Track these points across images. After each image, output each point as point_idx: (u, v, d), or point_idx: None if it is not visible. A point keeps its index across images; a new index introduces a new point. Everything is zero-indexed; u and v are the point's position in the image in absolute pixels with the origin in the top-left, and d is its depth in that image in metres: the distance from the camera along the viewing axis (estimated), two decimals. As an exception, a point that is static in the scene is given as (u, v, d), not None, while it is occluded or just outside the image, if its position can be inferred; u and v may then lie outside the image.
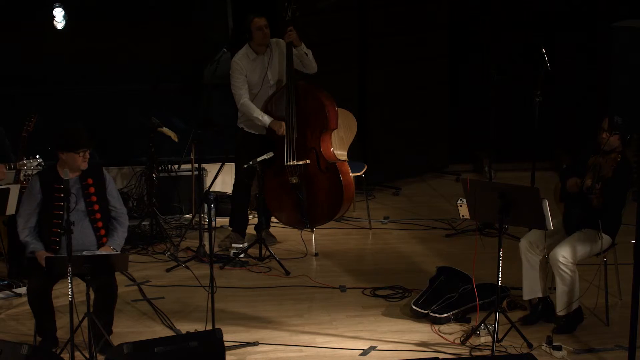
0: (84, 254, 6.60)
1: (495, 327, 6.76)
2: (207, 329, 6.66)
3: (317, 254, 8.61)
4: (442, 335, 7.08)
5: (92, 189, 6.92)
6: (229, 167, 8.94)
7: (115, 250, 6.91)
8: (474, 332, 7.00)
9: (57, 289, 7.00)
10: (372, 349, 6.90)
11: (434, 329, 7.18)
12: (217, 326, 6.53)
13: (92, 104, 10.11)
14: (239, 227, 8.77)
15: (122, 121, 10.03)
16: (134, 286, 7.91)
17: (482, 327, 6.98)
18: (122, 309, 7.38)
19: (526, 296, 7.22)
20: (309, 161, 8.45)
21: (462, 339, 6.97)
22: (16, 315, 7.43)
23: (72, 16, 9.87)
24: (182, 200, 9.56)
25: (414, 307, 7.38)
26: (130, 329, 7.17)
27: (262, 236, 8.52)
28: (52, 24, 9.81)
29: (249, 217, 9.00)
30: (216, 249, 8.53)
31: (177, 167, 9.48)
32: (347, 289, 7.93)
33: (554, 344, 6.74)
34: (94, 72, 10.13)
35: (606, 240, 7.03)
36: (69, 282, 6.27)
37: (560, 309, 7.00)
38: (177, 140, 9.05)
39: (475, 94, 10.43)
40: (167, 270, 8.29)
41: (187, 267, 8.28)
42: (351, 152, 9.02)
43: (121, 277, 7.60)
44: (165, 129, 8.95)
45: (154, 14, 10.30)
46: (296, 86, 8.42)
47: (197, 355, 6.13)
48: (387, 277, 8.09)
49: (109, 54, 10.13)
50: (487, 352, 6.76)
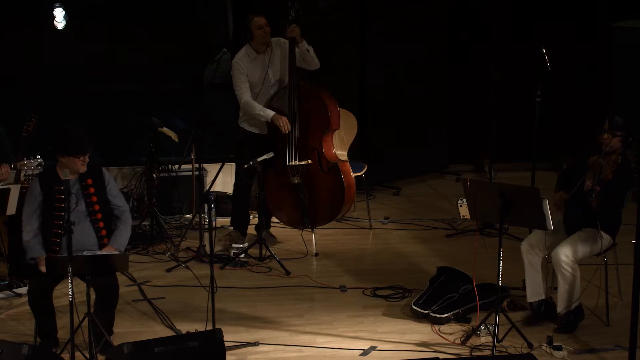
0: (85, 254, 6.61)
1: (495, 327, 6.77)
2: (207, 329, 6.66)
3: (317, 254, 8.61)
4: (442, 335, 7.08)
5: (92, 189, 6.92)
6: (229, 167, 8.94)
7: (118, 250, 6.91)
8: (474, 332, 7.00)
9: (57, 289, 6.99)
10: (373, 349, 6.91)
11: (434, 329, 7.18)
12: (217, 326, 6.54)
13: (92, 104, 10.11)
14: (239, 225, 8.77)
15: (122, 121, 10.03)
16: (134, 286, 7.91)
17: (482, 327, 6.98)
18: (122, 309, 7.38)
19: (530, 298, 7.21)
20: (310, 161, 8.45)
21: (463, 339, 6.97)
22: (16, 315, 7.43)
23: (72, 16, 9.87)
24: (182, 200, 9.57)
25: (414, 307, 7.38)
26: (130, 329, 7.17)
27: (263, 236, 8.52)
28: (52, 24, 9.81)
29: (250, 217, 9.00)
30: (218, 247, 8.53)
31: (177, 167, 9.48)
32: (347, 289, 7.93)
33: (554, 344, 6.74)
34: (94, 72, 10.13)
35: (606, 240, 7.03)
36: (70, 282, 6.27)
37: (561, 307, 7.01)
38: (177, 140, 9.05)
39: (475, 94, 10.43)
40: (168, 270, 8.29)
41: (187, 267, 8.28)
42: (351, 152, 9.01)
43: (121, 277, 7.60)
44: (165, 129, 8.95)
45: (154, 14, 10.29)
46: (298, 86, 8.42)
47: (197, 355, 6.13)
48: (388, 277, 8.09)
49: (109, 54, 10.13)
50: (487, 352, 6.76)
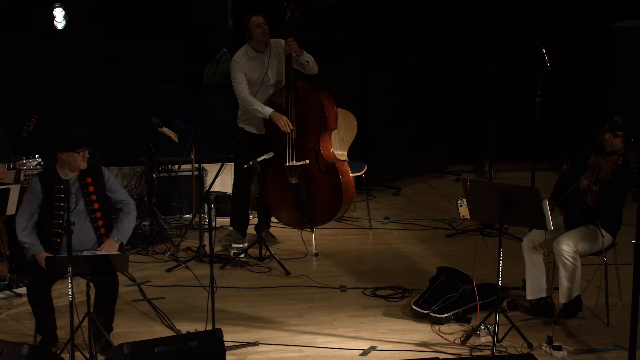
0: (84, 253, 6.61)
1: (495, 327, 6.77)
2: (207, 329, 6.66)
3: (317, 254, 8.61)
4: (442, 335, 7.08)
5: (91, 188, 6.91)
6: (229, 167, 8.94)
7: (119, 240, 6.89)
8: (474, 332, 7.00)
9: (57, 289, 7.00)
10: (373, 349, 6.90)
11: (434, 329, 7.18)
12: (217, 326, 6.53)
13: (92, 104, 10.10)
14: (239, 225, 8.77)
15: (122, 121, 10.03)
16: (134, 286, 7.91)
17: (482, 327, 6.98)
18: (122, 309, 7.38)
19: (530, 296, 7.22)
20: (308, 161, 8.45)
21: (463, 339, 6.97)
22: (16, 315, 7.43)
23: (72, 16, 9.87)
24: (182, 200, 9.56)
25: (414, 307, 7.38)
26: (130, 329, 7.17)
27: (262, 236, 8.52)
28: (52, 24, 9.80)
29: (249, 217, 9.00)
30: (218, 247, 8.53)
31: (177, 167, 9.48)
32: (347, 289, 7.93)
33: (554, 344, 6.74)
34: (94, 72, 10.13)
35: (607, 238, 7.03)
36: (69, 282, 6.26)
37: (562, 297, 7.04)
38: (177, 140, 9.05)
39: (475, 94, 10.42)
40: (168, 270, 8.29)
41: (187, 267, 8.28)
42: (351, 152, 9.01)
43: (121, 277, 7.58)
44: (165, 129, 8.95)
45: (154, 14, 10.29)
46: (295, 87, 8.41)
47: (197, 355, 6.13)
48: (388, 277, 8.09)
49: (109, 54, 10.13)
50: (487, 352, 6.76)
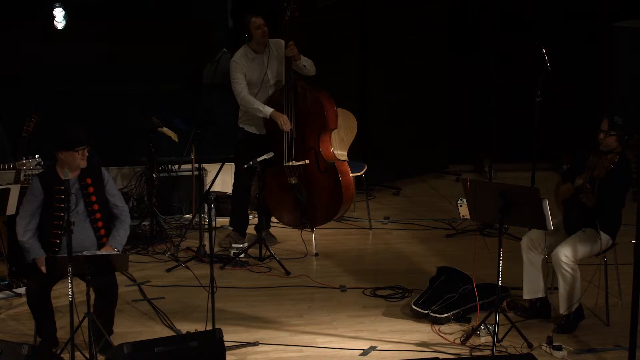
0: (84, 254, 6.61)
1: (495, 327, 6.76)
2: (207, 329, 6.66)
3: (317, 254, 8.61)
4: (442, 335, 7.08)
5: (91, 189, 6.92)
6: (229, 167, 8.94)
7: (116, 249, 6.91)
8: (474, 332, 7.00)
9: (57, 289, 7.00)
10: (373, 349, 6.90)
11: (434, 329, 7.18)
12: (217, 326, 6.53)
13: (92, 104, 10.10)
14: (239, 226, 8.77)
15: (122, 121, 10.03)
16: (134, 286, 7.91)
17: (482, 327, 6.98)
18: (122, 309, 7.38)
19: (526, 295, 7.22)
20: (307, 162, 8.45)
21: (463, 339, 6.97)
22: (16, 315, 7.43)
23: (72, 16, 9.87)
24: (182, 200, 9.56)
25: (414, 307, 7.38)
26: (130, 329, 7.17)
27: (262, 236, 8.52)
28: (52, 24, 9.80)
29: (249, 217, 9.00)
30: (217, 249, 8.53)
31: (177, 167, 9.48)
32: (347, 289, 7.93)
33: (554, 344, 6.74)
34: (94, 72, 10.13)
35: (606, 239, 7.03)
36: (69, 282, 6.27)
37: (562, 308, 7.01)
38: (177, 140, 9.05)
39: (475, 94, 10.42)
40: (167, 270, 8.29)
41: (187, 267, 8.28)
42: (351, 152, 9.01)
43: (121, 277, 7.61)
44: (165, 129, 8.95)
45: (154, 14, 10.29)
46: (295, 87, 8.41)
47: (197, 355, 6.13)
48: (388, 277, 8.09)
49: (109, 53, 10.13)
50: (487, 352, 6.76)
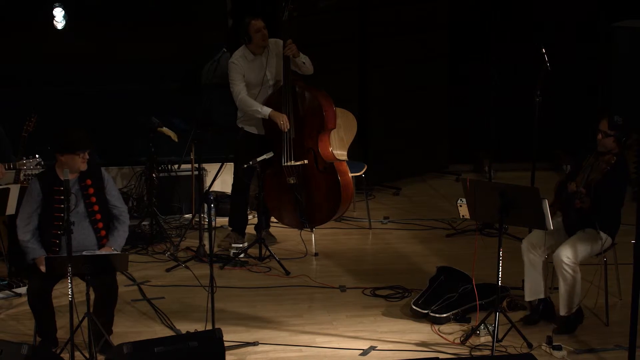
0: (84, 254, 6.61)
1: (495, 327, 6.76)
2: (207, 329, 6.66)
3: (317, 254, 8.61)
4: (442, 335, 7.08)
5: (91, 190, 6.92)
6: (229, 167, 8.94)
7: (115, 250, 6.91)
8: (474, 332, 7.00)
9: (57, 289, 7.00)
10: (372, 349, 6.90)
11: (434, 329, 7.18)
12: (217, 326, 6.54)
13: (92, 104, 10.11)
14: (238, 226, 8.77)
15: (122, 121, 10.02)
16: (134, 286, 7.91)
17: (482, 327, 6.98)
18: (122, 309, 7.38)
19: (528, 297, 7.21)
20: (306, 162, 8.45)
21: (462, 339, 6.97)
22: (16, 315, 7.43)
23: (72, 16, 9.87)
24: (182, 200, 9.56)
25: (414, 307, 7.38)
26: (130, 329, 7.17)
27: (262, 236, 8.52)
28: (52, 24, 9.81)
29: (249, 217, 9.00)
30: (216, 249, 8.53)
31: (177, 167, 9.48)
32: (347, 289, 7.93)
33: (554, 344, 6.74)
34: (94, 72, 10.13)
35: (606, 240, 7.02)
36: (69, 282, 6.27)
37: (562, 309, 7.01)
38: (177, 140, 9.05)
39: (475, 93, 10.43)
40: (167, 270, 8.29)
41: (187, 267, 8.28)
42: (351, 152, 9.02)
43: (121, 277, 7.60)
44: (165, 129, 8.95)
45: (154, 14, 10.29)
46: (293, 87, 8.41)
47: (197, 355, 6.13)
48: (387, 277, 8.09)
49: (108, 54, 10.13)
50: (487, 352, 6.76)
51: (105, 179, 7.01)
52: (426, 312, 7.31)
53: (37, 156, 7.49)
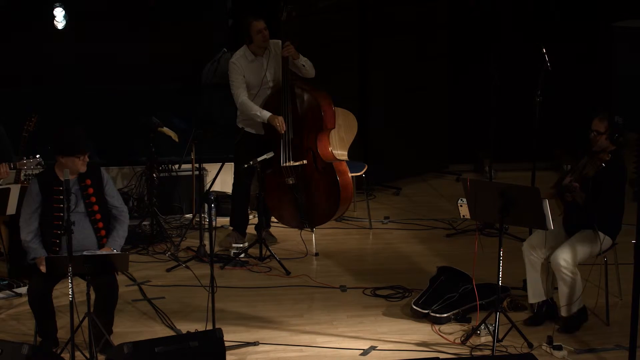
0: (84, 254, 6.61)
1: (495, 327, 6.77)
2: (207, 329, 6.66)
3: (317, 254, 8.61)
4: (442, 335, 7.08)
5: (90, 190, 6.91)
6: (229, 167, 8.94)
7: (114, 250, 6.91)
8: (474, 332, 7.00)
9: (57, 289, 7.00)
10: (373, 348, 6.91)
11: (434, 328, 7.18)
12: (217, 326, 6.54)
13: (92, 104, 10.11)
14: (239, 226, 8.77)
15: (122, 121, 10.03)
16: (134, 286, 7.91)
17: (482, 327, 6.98)
18: (122, 309, 7.38)
19: (532, 299, 7.20)
20: (305, 162, 8.44)
21: (463, 338, 6.97)
22: (16, 315, 7.43)
23: (72, 16, 9.87)
24: (182, 200, 9.57)
25: (415, 307, 7.38)
26: (130, 329, 7.17)
27: (263, 236, 8.52)
28: (52, 24, 9.81)
29: (249, 217, 9.00)
30: (217, 249, 8.53)
31: (177, 167, 9.48)
32: (347, 289, 7.93)
33: (554, 344, 6.74)
34: (94, 72, 10.13)
35: (606, 240, 7.02)
36: (70, 282, 6.27)
37: (563, 310, 7.01)
38: (177, 140, 9.05)
39: (475, 93, 10.42)
40: (168, 270, 8.29)
41: (187, 267, 8.28)
42: (351, 152, 9.02)
43: (121, 277, 7.60)
44: (165, 129, 8.95)
45: (154, 14, 10.29)
46: (292, 87, 8.41)
47: (197, 355, 6.13)
48: (388, 277, 8.09)
49: (109, 54, 10.13)
50: (487, 352, 6.76)
51: (104, 179, 7.01)
52: (427, 312, 7.31)
53: (37, 156, 7.48)
